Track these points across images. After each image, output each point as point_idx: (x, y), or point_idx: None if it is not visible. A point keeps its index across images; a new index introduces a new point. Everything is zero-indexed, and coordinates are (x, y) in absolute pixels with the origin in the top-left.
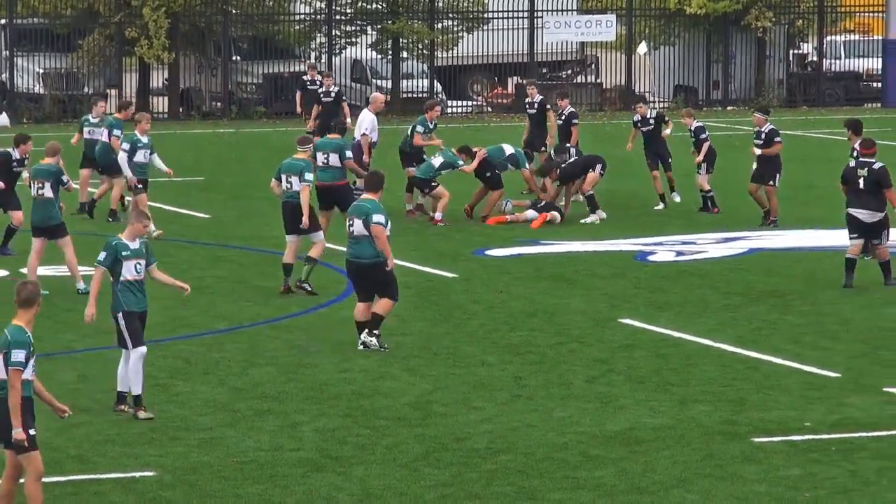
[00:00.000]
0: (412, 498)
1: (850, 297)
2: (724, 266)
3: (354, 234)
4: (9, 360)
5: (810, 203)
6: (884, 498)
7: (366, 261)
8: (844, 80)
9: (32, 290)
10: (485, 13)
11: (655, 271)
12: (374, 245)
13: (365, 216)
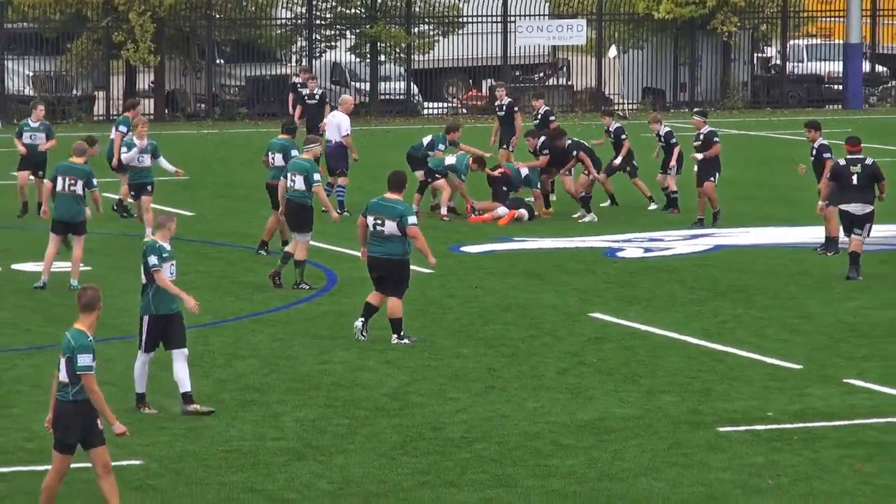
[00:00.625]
0: (390, 485)
1: (811, 291)
2: (690, 262)
3: (385, 234)
4: (76, 365)
5: (773, 201)
6: (843, 485)
7: (393, 257)
8: (807, 82)
9: (93, 295)
10: (460, 18)
11: (624, 267)
12: (403, 244)
13: (399, 218)
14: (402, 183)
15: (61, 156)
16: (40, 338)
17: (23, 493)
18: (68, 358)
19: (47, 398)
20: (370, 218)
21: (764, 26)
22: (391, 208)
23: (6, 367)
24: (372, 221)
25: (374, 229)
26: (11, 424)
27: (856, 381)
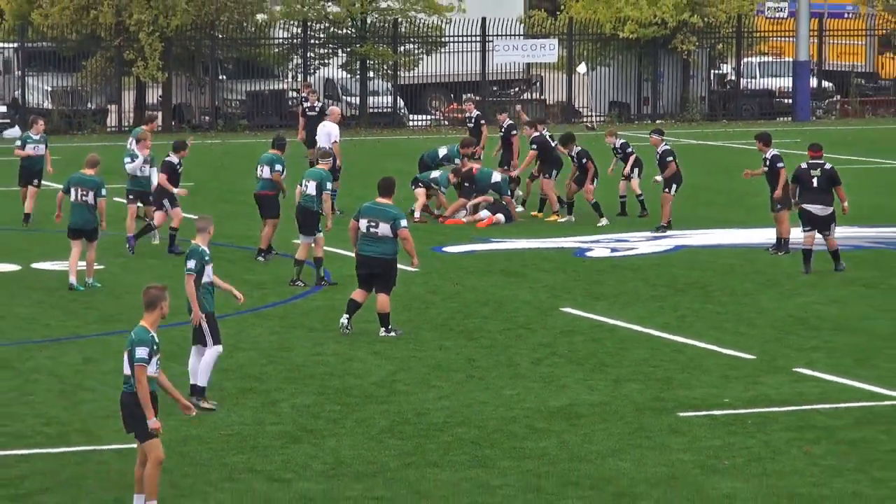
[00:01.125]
0: (378, 466)
1: (763, 288)
2: (653, 261)
3: (378, 235)
4: (133, 357)
5: (729, 206)
6: (793, 465)
7: (384, 257)
8: (759, 97)
9: (156, 294)
10: (442, 38)
11: (592, 266)
12: (394, 244)
13: (393, 221)
14: (392, 188)
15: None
16: (58, 331)
17: (41, 474)
18: (129, 352)
19: (63, 387)
20: (363, 221)
21: (720, 45)
22: (384, 211)
23: (26, 358)
24: (365, 224)
25: (367, 231)
26: (30, 411)
27: (805, 371)
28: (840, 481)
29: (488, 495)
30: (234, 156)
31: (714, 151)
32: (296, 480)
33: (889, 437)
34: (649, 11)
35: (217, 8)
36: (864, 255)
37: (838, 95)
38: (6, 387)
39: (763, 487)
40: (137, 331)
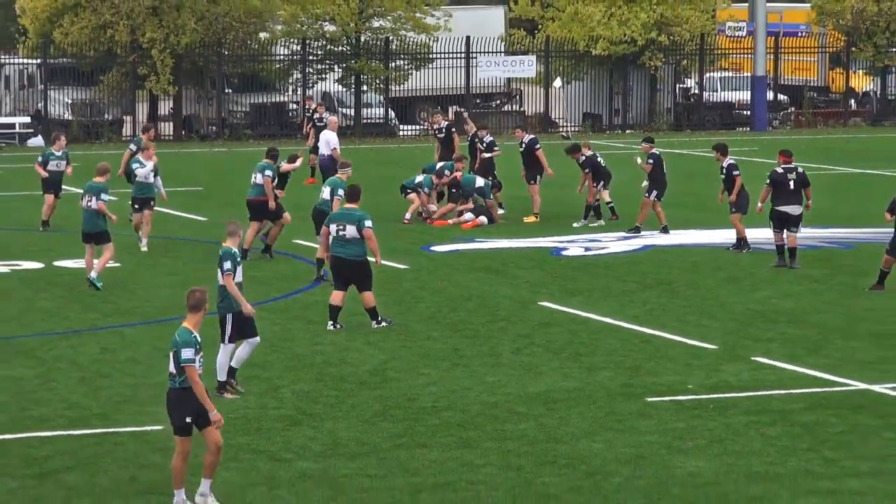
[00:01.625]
0: (371, 446)
1: (724, 284)
2: (623, 259)
3: (347, 237)
4: (180, 359)
5: (694, 208)
6: (751, 446)
7: (355, 258)
8: (720, 108)
9: (200, 297)
10: (429, 54)
11: (568, 264)
12: (362, 246)
13: (358, 222)
14: (358, 194)
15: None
16: (77, 323)
17: (63, 454)
18: (174, 352)
19: (83, 374)
20: (333, 226)
21: (685, 61)
22: (351, 215)
23: (49, 348)
24: (335, 228)
25: (337, 234)
26: (53, 396)
27: (762, 359)
28: (794, 461)
29: (472, 473)
30: (239, 162)
31: (679, 159)
32: (296, 460)
33: (839, 420)
34: (620, 31)
35: (223, 27)
36: (816, 254)
37: (792, 107)
38: (31, 374)
39: (724, 466)
40: (181, 332)
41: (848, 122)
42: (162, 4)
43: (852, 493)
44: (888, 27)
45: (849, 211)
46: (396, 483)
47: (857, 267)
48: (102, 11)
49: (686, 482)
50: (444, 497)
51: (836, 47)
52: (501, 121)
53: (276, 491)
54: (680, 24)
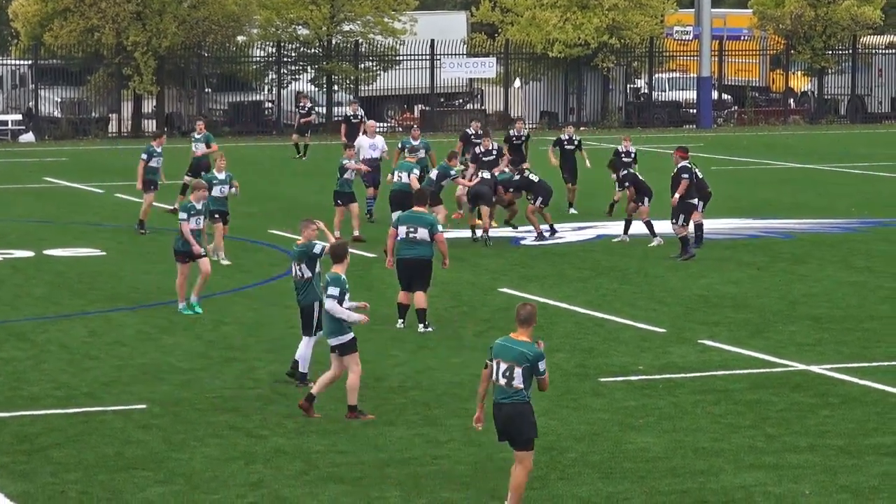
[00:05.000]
0: (342, 424)
1: (672, 271)
2: (577, 248)
3: (417, 239)
4: (537, 372)
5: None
6: (698, 423)
7: (425, 259)
8: (668, 107)
9: (530, 311)
10: (396, 56)
11: (525, 252)
12: (431, 248)
13: (430, 226)
14: (426, 198)
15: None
16: (67, 308)
17: (53, 431)
18: (526, 367)
19: (72, 356)
20: (402, 228)
21: (635, 63)
22: (424, 218)
23: (40, 332)
24: (405, 230)
25: (406, 236)
26: (43, 377)
27: (708, 342)
28: (737, 437)
29: (436, 449)
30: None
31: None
32: (272, 436)
33: (779, 398)
34: (574, 34)
35: (203, 31)
36: (756, 243)
37: (736, 106)
38: (23, 356)
39: (672, 442)
40: (528, 347)
41: (787, 120)
42: (145, 9)
43: (792, 467)
44: (825, 31)
45: (788, 203)
46: (365, 458)
47: (795, 255)
48: (90, 16)
49: (637, 457)
50: (410, 471)
51: (777, 50)
52: (464, 118)
53: (252, 465)
54: (630, 29)
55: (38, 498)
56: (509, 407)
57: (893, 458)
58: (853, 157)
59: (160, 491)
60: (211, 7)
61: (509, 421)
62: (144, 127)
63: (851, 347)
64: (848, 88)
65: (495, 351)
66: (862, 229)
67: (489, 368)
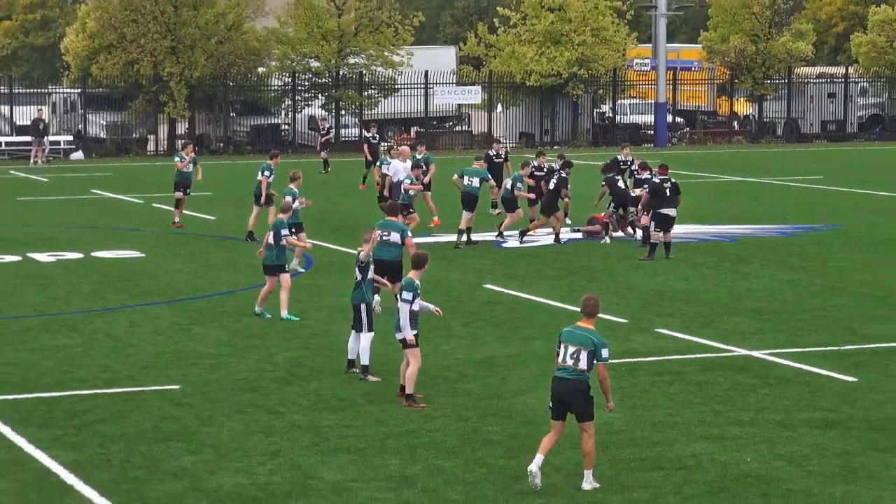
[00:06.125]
0: (349, 402)
1: (633, 270)
2: (552, 250)
3: (391, 242)
4: (599, 357)
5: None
6: (655, 400)
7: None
8: (630, 128)
9: (595, 303)
10: (395, 85)
11: (507, 253)
12: (401, 250)
13: (402, 232)
14: (397, 210)
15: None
16: (111, 303)
17: (99, 409)
18: (590, 351)
19: (115, 344)
20: (377, 232)
21: (601, 91)
22: (395, 225)
23: (88, 323)
24: (380, 234)
25: (381, 239)
26: (90, 362)
27: (664, 331)
28: (689, 412)
29: (430, 423)
30: (242, 173)
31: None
32: (287, 413)
33: (725, 379)
34: (548, 66)
35: (229, 63)
36: (706, 246)
37: (688, 128)
38: (73, 344)
39: (633, 417)
40: (594, 334)
41: (732, 140)
42: (179, 45)
43: (736, 438)
44: (764, 63)
45: (733, 211)
46: (369, 431)
47: (739, 256)
48: (131, 51)
49: (602, 430)
50: (407, 442)
51: (722, 79)
52: (453, 139)
53: (271, 437)
54: (597, 61)
55: (87, 465)
56: (573, 383)
57: (822, 430)
58: (790, 171)
59: (192, 460)
60: (235, 43)
61: (571, 395)
62: (177, 147)
63: (787, 335)
64: (784, 112)
65: (564, 336)
66: (796, 234)
67: (558, 355)
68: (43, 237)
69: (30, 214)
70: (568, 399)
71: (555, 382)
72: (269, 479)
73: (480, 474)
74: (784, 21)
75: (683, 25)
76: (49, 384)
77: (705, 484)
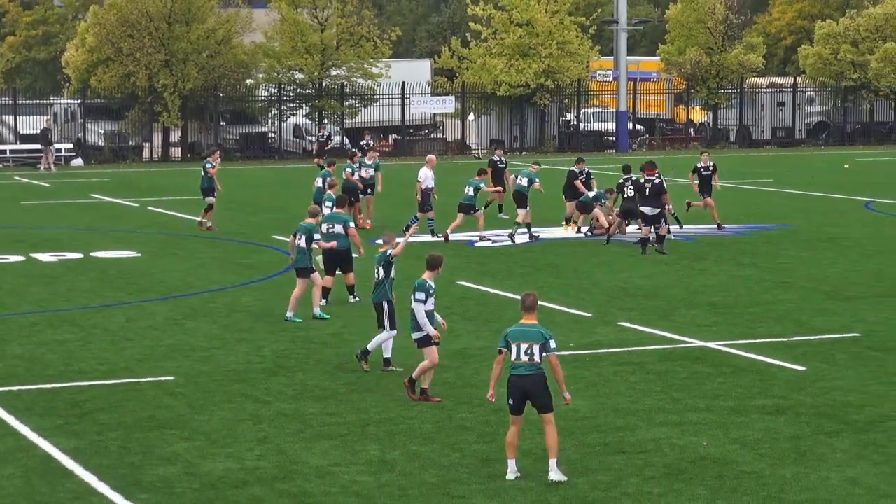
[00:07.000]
0: (331, 391)
1: (597, 266)
2: (520, 249)
3: (335, 233)
4: (548, 348)
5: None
6: (617, 389)
7: (344, 249)
8: (593, 135)
9: (534, 299)
10: (374, 95)
11: (479, 252)
12: (346, 240)
13: (344, 223)
14: (344, 202)
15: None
16: (109, 299)
17: (98, 398)
18: (542, 344)
19: (113, 338)
20: (324, 225)
21: (566, 100)
22: (340, 217)
23: (87, 318)
24: (326, 226)
25: (327, 231)
26: (89, 355)
27: (626, 324)
28: (649, 399)
29: (407, 411)
30: (231, 178)
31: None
32: (274, 402)
33: (683, 369)
34: (517, 77)
35: (219, 75)
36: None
37: (647, 134)
38: (73, 338)
39: (597, 404)
40: (541, 327)
41: (688, 146)
42: (172, 58)
43: (693, 424)
44: (718, 74)
45: (690, 212)
46: (350, 419)
47: (696, 254)
48: (127, 64)
49: (569, 416)
50: (386, 429)
51: (679, 89)
52: (429, 145)
53: (259, 425)
54: (562, 73)
55: (86, 452)
56: (533, 377)
57: (773, 416)
58: (742, 174)
59: (185, 446)
60: (225, 56)
61: (532, 388)
62: (170, 154)
63: (740, 328)
64: (737, 120)
65: (512, 335)
66: (749, 233)
67: (503, 354)
68: (45, 238)
69: (33, 217)
70: (530, 393)
71: (514, 380)
72: (256, 463)
73: (455, 458)
74: (736, 35)
75: (643, 39)
76: (51, 376)
77: (664, 466)
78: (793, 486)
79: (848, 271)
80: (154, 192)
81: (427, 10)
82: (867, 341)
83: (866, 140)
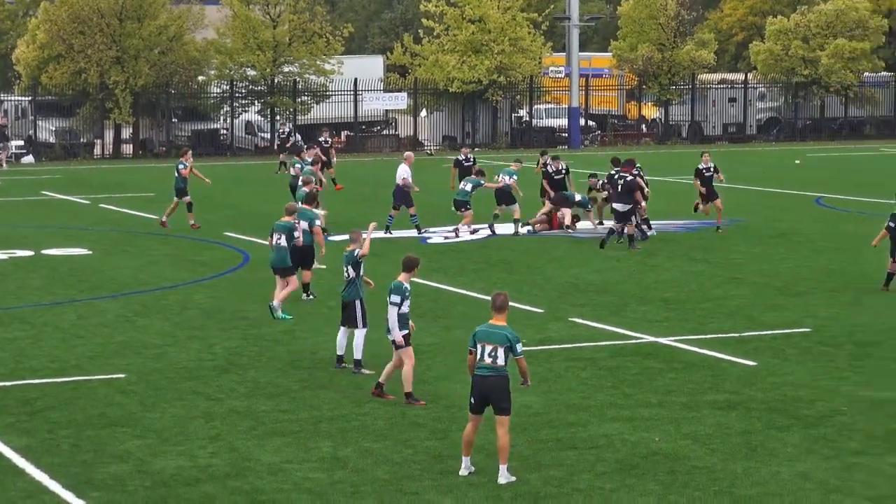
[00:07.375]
0: (284, 389)
1: (549, 263)
2: (473, 245)
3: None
4: (515, 352)
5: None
6: (569, 384)
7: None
8: (545, 131)
9: (505, 300)
10: (326, 92)
11: (432, 248)
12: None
13: (310, 220)
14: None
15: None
16: (60, 297)
17: (48, 396)
18: (507, 347)
19: (64, 335)
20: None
21: (518, 96)
22: (305, 214)
23: (38, 316)
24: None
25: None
26: (40, 353)
27: (577, 320)
28: (601, 395)
29: (360, 408)
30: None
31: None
32: (226, 399)
33: (634, 364)
34: (470, 73)
35: (170, 72)
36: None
37: (599, 131)
38: (24, 336)
39: (549, 400)
40: (509, 331)
41: (641, 142)
42: (124, 55)
43: (644, 419)
44: (669, 70)
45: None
46: (303, 416)
47: (649, 249)
48: (78, 60)
49: (521, 412)
50: (339, 426)
51: (631, 85)
52: (381, 142)
53: (211, 422)
54: (514, 69)
55: (37, 450)
56: (494, 379)
57: (725, 411)
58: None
59: (137, 444)
60: (177, 53)
61: (493, 390)
62: (122, 151)
63: (691, 323)
64: (688, 116)
65: (479, 336)
66: (701, 229)
67: (473, 354)
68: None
69: None
70: (490, 395)
71: (477, 380)
72: (209, 461)
73: (407, 455)
74: (688, 31)
75: (595, 35)
76: (1, 374)
77: (616, 462)
78: (744, 480)
79: (799, 267)
80: (105, 189)
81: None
82: (818, 336)
83: (817, 136)
